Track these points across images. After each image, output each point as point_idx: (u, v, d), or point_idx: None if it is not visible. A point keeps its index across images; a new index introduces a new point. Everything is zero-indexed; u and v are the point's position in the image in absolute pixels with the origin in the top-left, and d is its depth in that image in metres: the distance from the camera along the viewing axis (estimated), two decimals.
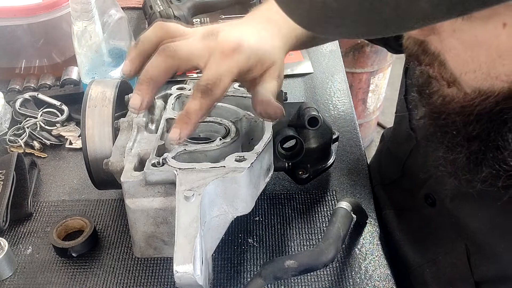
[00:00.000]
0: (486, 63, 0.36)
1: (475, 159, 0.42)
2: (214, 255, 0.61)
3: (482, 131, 0.40)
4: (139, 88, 0.53)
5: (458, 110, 0.41)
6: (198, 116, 0.52)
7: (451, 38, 0.37)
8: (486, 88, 0.38)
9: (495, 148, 0.39)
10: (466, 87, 0.40)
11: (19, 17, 0.90)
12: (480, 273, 0.56)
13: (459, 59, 0.38)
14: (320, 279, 0.62)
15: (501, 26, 0.33)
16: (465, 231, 0.57)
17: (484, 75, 0.37)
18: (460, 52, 0.37)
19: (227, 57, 0.53)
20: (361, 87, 1.98)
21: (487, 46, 0.35)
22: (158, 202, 0.53)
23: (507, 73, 0.36)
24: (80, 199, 0.73)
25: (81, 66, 0.85)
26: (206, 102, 0.52)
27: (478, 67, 0.37)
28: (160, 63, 0.53)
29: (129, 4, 1.20)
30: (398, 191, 0.73)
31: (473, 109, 0.40)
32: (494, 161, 0.40)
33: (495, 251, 0.53)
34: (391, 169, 0.77)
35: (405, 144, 0.70)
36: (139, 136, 0.60)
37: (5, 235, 0.68)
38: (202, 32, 0.56)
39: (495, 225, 0.54)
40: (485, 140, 0.40)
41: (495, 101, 0.38)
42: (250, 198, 0.55)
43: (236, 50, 0.53)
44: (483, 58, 0.36)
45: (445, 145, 0.44)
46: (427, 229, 0.65)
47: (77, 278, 0.63)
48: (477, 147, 0.41)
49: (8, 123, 0.85)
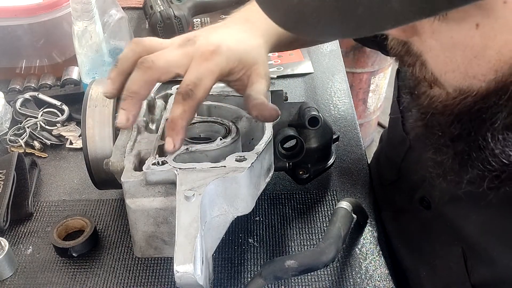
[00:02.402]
0: (463, 64, 0.37)
1: (460, 160, 0.42)
2: (215, 255, 0.61)
3: (463, 130, 0.40)
4: (123, 105, 0.54)
5: (441, 109, 0.42)
6: (184, 120, 0.52)
7: (430, 39, 0.38)
8: (466, 87, 0.38)
9: (477, 148, 0.40)
10: (448, 86, 0.40)
11: (19, 17, 0.90)
12: (477, 277, 0.56)
13: (438, 59, 0.39)
14: (320, 279, 0.62)
15: (474, 27, 0.34)
16: (460, 234, 0.57)
17: (462, 75, 0.38)
18: (438, 52, 0.38)
19: (206, 59, 0.53)
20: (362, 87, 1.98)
21: (463, 46, 0.36)
22: (159, 202, 0.53)
23: (483, 72, 0.36)
24: (81, 199, 0.73)
25: (82, 66, 0.85)
26: (189, 104, 0.52)
27: (457, 67, 0.38)
28: (139, 76, 0.53)
29: (129, 4, 1.20)
30: (396, 193, 0.72)
31: (454, 108, 0.40)
32: (478, 161, 0.40)
33: (491, 255, 0.53)
34: (388, 171, 0.77)
35: (400, 147, 0.70)
36: (139, 136, 0.60)
37: (6, 235, 0.68)
38: (180, 40, 0.57)
39: (489, 229, 0.54)
40: (468, 140, 0.40)
41: (473, 100, 0.38)
42: (251, 198, 0.55)
43: (214, 52, 0.54)
44: (460, 59, 0.37)
45: (433, 147, 0.45)
46: (423, 232, 0.65)
47: (77, 278, 0.63)
48: (461, 147, 0.41)
49: (9, 123, 0.85)
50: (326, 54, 1.06)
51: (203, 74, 0.53)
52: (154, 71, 0.53)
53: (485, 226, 0.54)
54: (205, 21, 1.17)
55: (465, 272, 0.57)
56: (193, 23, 1.15)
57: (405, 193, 0.68)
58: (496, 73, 0.36)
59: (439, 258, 0.61)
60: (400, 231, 0.69)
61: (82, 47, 0.81)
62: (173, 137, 0.53)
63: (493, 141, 0.38)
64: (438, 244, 0.62)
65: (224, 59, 0.54)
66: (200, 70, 0.53)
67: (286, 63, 1.02)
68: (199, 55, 0.54)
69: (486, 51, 0.35)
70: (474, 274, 0.56)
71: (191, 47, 0.55)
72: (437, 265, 0.62)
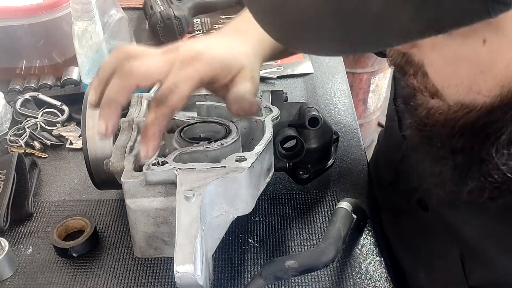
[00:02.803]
0: (468, 78, 0.37)
1: (460, 172, 0.42)
2: (215, 255, 0.61)
3: (466, 144, 0.40)
4: (101, 114, 0.52)
5: (442, 122, 0.41)
6: (155, 126, 0.51)
7: (431, 53, 0.37)
8: (469, 102, 0.38)
9: (479, 161, 0.39)
10: (449, 99, 0.40)
11: (19, 17, 0.90)
12: (475, 279, 0.56)
13: (440, 73, 0.38)
14: (320, 279, 0.62)
15: (481, 43, 0.33)
16: (458, 236, 0.57)
17: (466, 90, 0.37)
18: (440, 66, 0.38)
19: (186, 65, 0.52)
20: (362, 87, 1.98)
21: (468, 62, 0.35)
22: (159, 202, 0.53)
23: (488, 88, 0.36)
24: (81, 199, 0.73)
25: (82, 66, 0.85)
26: (161, 111, 0.50)
27: (460, 82, 0.37)
28: (116, 83, 0.52)
29: (129, 4, 1.20)
30: (394, 194, 0.72)
31: (456, 122, 0.40)
32: (479, 174, 0.40)
33: (488, 257, 0.53)
34: (386, 172, 0.76)
35: (397, 149, 0.69)
36: (139, 136, 0.60)
37: (6, 235, 0.68)
38: (163, 49, 0.55)
39: (487, 232, 0.54)
40: (469, 153, 0.40)
41: (477, 115, 0.38)
42: (251, 198, 0.55)
43: (194, 59, 0.52)
44: (465, 74, 0.36)
45: (431, 157, 0.44)
46: (421, 233, 0.65)
47: (77, 278, 0.63)
48: (461, 160, 0.41)
49: (9, 123, 0.85)
50: None
51: (180, 81, 0.51)
52: (131, 78, 0.51)
53: (483, 229, 0.54)
54: (205, 21, 1.17)
55: (463, 274, 0.57)
56: (193, 23, 1.15)
57: (403, 194, 0.68)
58: (502, 88, 0.35)
59: (437, 259, 0.61)
60: (399, 232, 0.69)
61: (82, 47, 0.81)
62: (146, 144, 0.51)
63: (497, 156, 0.38)
64: (436, 245, 0.62)
65: (206, 65, 0.52)
66: (178, 77, 0.51)
67: (286, 63, 1.02)
68: (179, 61, 0.52)
69: (493, 67, 0.35)
70: (472, 276, 0.56)
71: (173, 54, 0.53)
72: (435, 266, 0.62)
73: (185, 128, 0.60)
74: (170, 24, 1.06)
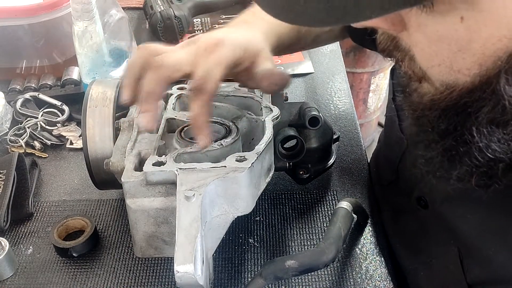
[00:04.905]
0: (449, 57, 0.37)
1: (449, 156, 0.42)
2: (215, 255, 0.61)
3: (450, 125, 0.41)
4: (143, 108, 0.54)
5: (429, 104, 0.42)
6: (202, 115, 0.53)
7: (417, 33, 0.38)
8: (452, 82, 0.39)
9: (464, 142, 0.40)
10: (435, 81, 0.40)
11: (20, 17, 0.90)
12: (473, 276, 0.56)
13: (424, 53, 0.39)
14: (320, 279, 0.62)
15: (459, 20, 0.34)
16: (456, 234, 0.57)
17: (448, 69, 0.38)
18: (425, 46, 0.38)
19: (212, 52, 0.54)
20: (362, 87, 1.98)
21: (448, 40, 0.36)
22: (159, 202, 0.53)
23: (467, 66, 0.37)
24: (81, 199, 0.73)
25: (82, 66, 0.85)
26: (202, 99, 0.53)
27: (442, 61, 0.38)
28: (151, 76, 0.54)
29: (129, 4, 1.20)
30: (395, 193, 0.72)
31: (440, 102, 0.40)
32: (466, 157, 0.40)
33: (486, 254, 0.53)
34: (386, 171, 0.77)
35: (397, 148, 0.70)
36: (139, 136, 0.60)
37: (6, 235, 0.68)
38: (182, 43, 0.58)
39: (485, 228, 0.54)
40: (454, 134, 0.41)
41: (459, 94, 0.39)
42: (251, 198, 0.55)
43: (217, 45, 0.55)
44: (445, 52, 0.37)
45: (423, 143, 0.45)
46: (421, 231, 0.65)
47: (78, 278, 0.63)
48: (449, 143, 0.42)
49: (9, 123, 0.85)
50: (327, 54, 1.06)
51: (210, 67, 0.53)
52: (164, 69, 0.54)
53: (480, 226, 0.54)
54: (205, 21, 1.17)
55: (461, 271, 0.57)
56: (193, 23, 1.15)
57: (404, 193, 0.68)
58: (481, 67, 0.36)
59: (436, 257, 0.61)
60: (399, 231, 0.69)
61: (83, 47, 0.81)
62: (201, 134, 0.53)
63: (478, 135, 0.38)
64: (435, 243, 0.62)
65: (229, 50, 0.55)
66: (208, 64, 0.53)
67: (287, 63, 1.02)
68: (203, 50, 0.55)
69: (470, 45, 0.35)
70: (470, 274, 0.56)
71: (195, 45, 0.56)
72: (434, 264, 0.62)
73: (185, 128, 0.60)
74: (170, 24, 1.06)
